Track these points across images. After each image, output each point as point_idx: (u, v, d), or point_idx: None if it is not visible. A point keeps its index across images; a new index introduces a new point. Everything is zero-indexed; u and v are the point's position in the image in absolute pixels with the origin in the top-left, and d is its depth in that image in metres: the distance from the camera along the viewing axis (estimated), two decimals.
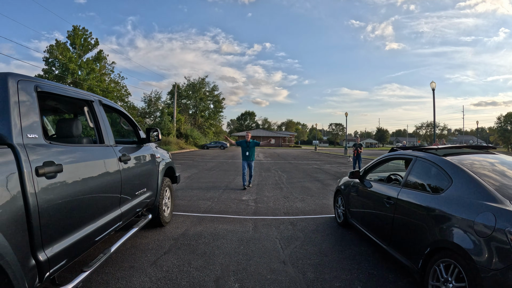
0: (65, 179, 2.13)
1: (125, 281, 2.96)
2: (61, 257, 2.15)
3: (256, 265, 3.36)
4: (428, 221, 2.62)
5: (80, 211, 2.35)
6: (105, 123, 3.01)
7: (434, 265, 2.48)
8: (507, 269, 1.93)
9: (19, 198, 1.75)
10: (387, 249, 3.26)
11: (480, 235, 2.12)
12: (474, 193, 2.38)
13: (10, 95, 1.94)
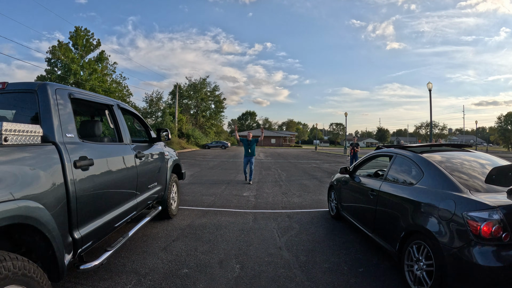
0: (95, 172, 2.55)
1: (140, 263, 3.37)
2: (90, 237, 2.57)
3: (255, 250, 3.77)
4: (404, 209, 3.03)
5: (105, 199, 2.77)
6: (123, 124, 3.43)
7: (408, 247, 2.89)
8: (463, 247, 2.34)
9: (62, 185, 2.17)
10: (372, 236, 3.67)
11: (443, 219, 2.53)
12: (440, 184, 2.79)
13: (51, 102, 2.36)
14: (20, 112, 2.66)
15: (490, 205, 2.29)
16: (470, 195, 2.50)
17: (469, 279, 2.28)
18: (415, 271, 2.75)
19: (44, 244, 2.01)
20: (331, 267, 3.32)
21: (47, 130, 2.24)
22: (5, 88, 2.63)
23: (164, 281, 2.96)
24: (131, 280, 2.98)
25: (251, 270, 3.23)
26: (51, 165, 2.10)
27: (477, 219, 2.27)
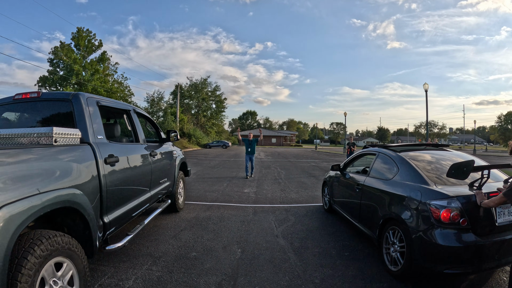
0: (119, 167, 3.04)
1: (153, 248, 3.86)
2: (114, 223, 3.05)
3: (254, 238, 4.26)
4: (382, 200, 3.51)
5: (127, 191, 3.26)
6: (138, 126, 3.92)
7: (386, 233, 3.37)
8: (427, 230, 2.81)
9: (96, 178, 2.65)
10: (358, 225, 4.15)
11: (412, 207, 3.01)
12: (411, 178, 3.27)
13: (84, 109, 2.84)
14: (54, 118, 3.15)
15: (449, 195, 2.77)
16: (434, 187, 2.98)
17: (431, 257, 2.76)
18: (391, 253, 3.24)
19: (82, 225, 2.49)
20: (321, 252, 3.80)
21: (83, 133, 2.73)
22: (40, 96, 3.12)
23: (176, 262, 3.45)
24: (147, 261, 3.46)
25: (251, 253, 3.72)
26: (88, 161, 2.58)
27: (438, 206, 2.75)
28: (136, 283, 2.95)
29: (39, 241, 1.90)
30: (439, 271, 2.71)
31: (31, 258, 1.80)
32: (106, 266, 3.33)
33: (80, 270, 2.30)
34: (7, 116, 3.44)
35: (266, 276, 3.12)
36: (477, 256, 2.68)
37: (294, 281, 3.04)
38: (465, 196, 2.78)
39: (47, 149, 2.20)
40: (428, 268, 2.77)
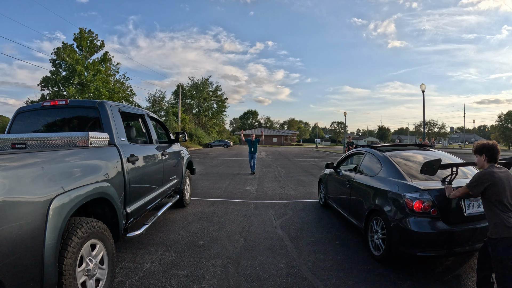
0: (139, 165, 3.52)
1: (165, 238, 4.33)
2: (134, 213, 3.52)
3: (255, 229, 4.73)
4: (368, 194, 3.98)
5: (144, 186, 3.73)
6: (152, 129, 4.39)
7: (370, 222, 3.83)
8: (402, 218, 3.26)
9: (121, 173, 3.12)
10: (348, 217, 4.62)
11: (391, 199, 3.47)
12: (392, 174, 3.74)
13: (109, 115, 3.32)
14: (81, 122, 3.62)
15: (421, 189, 3.23)
16: (410, 182, 3.44)
17: (406, 241, 3.21)
18: (375, 240, 3.70)
19: (110, 214, 2.96)
20: (314, 240, 4.27)
21: (110, 136, 3.19)
22: (68, 104, 3.60)
23: (186, 249, 3.92)
24: (161, 248, 3.93)
25: (252, 241, 4.19)
26: (115, 160, 3.06)
27: (411, 198, 3.21)
28: (152, 266, 3.42)
29: (80, 225, 2.36)
30: (413, 254, 3.16)
31: (75, 239, 2.26)
32: (125, 252, 3.80)
33: (109, 252, 2.77)
34: (36, 121, 3.91)
35: (266, 260, 3.59)
36: (447, 242, 3.11)
37: (289, 264, 3.51)
38: (436, 190, 3.23)
39: (86, 150, 2.68)
40: (404, 251, 3.23)
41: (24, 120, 3.75)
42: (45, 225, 1.93)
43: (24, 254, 1.81)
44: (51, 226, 1.97)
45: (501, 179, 2.47)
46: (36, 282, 1.89)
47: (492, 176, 2.48)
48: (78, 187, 2.34)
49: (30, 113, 3.76)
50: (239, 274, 3.22)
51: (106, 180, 2.78)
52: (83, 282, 2.39)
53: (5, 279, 1.65)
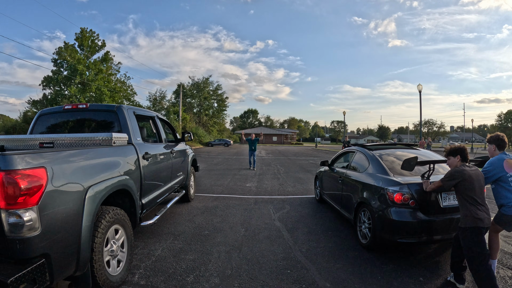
0: (152, 162, 3.94)
1: (173, 228, 4.75)
2: (147, 205, 3.93)
3: (255, 221, 5.16)
4: (357, 188, 4.40)
5: (156, 180, 4.15)
6: (161, 129, 4.81)
7: (359, 214, 4.26)
8: (385, 209, 3.67)
9: (138, 169, 3.54)
10: (340, 210, 5.04)
11: (375, 192, 3.89)
12: (378, 170, 4.16)
13: (126, 117, 3.74)
14: (100, 124, 4.04)
15: (401, 183, 3.65)
16: (392, 177, 3.85)
17: (388, 229, 3.61)
18: (362, 230, 4.13)
19: (129, 204, 3.37)
20: (309, 231, 4.69)
21: (128, 136, 3.61)
22: (88, 107, 4.01)
23: (193, 238, 4.34)
24: (170, 237, 4.35)
25: (252, 232, 4.62)
26: (133, 157, 3.48)
27: (392, 191, 3.63)
28: (163, 252, 3.84)
29: (107, 212, 2.79)
30: (394, 241, 3.58)
31: (103, 222, 2.69)
32: (137, 241, 4.22)
33: (129, 237, 3.20)
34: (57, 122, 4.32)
35: (264, 247, 4.02)
36: (425, 230, 3.52)
37: (286, 250, 3.93)
38: (414, 184, 3.64)
39: (111, 148, 3.10)
40: (386, 238, 3.64)
41: (45, 121, 4.16)
42: (82, 210, 2.37)
43: (67, 232, 2.24)
44: (87, 211, 2.41)
45: (471, 177, 2.86)
46: (74, 257, 2.31)
47: (463, 173, 2.87)
48: (106, 179, 2.77)
49: (51, 115, 4.19)
50: (241, 258, 3.64)
51: (127, 174, 3.21)
52: (107, 261, 2.81)
53: (52, 252, 2.07)
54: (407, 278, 3.20)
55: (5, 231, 1.87)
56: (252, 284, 3.04)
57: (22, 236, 1.89)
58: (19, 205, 1.87)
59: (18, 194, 1.86)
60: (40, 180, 1.99)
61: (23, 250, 1.91)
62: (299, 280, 3.14)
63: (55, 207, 2.12)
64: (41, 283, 1.98)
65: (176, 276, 3.18)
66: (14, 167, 1.87)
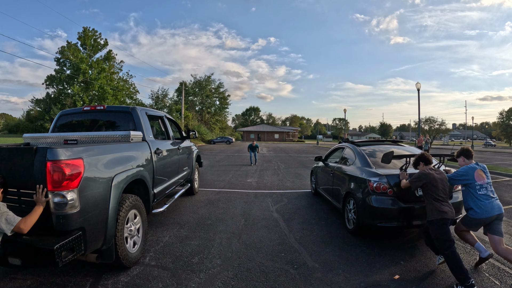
0: (162, 156, 4.40)
1: (178, 219, 5.17)
2: (157, 195, 4.36)
3: (255, 212, 5.57)
4: (344, 180, 4.85)
5: (165, 173, 4.59)
6: (169, 128, 5.29)
7: (346, 203, 4.70)
8: (366, 197, 4.10)
9: (151, 162, 3.98)
10: (331, 201, 5.48)
11: (359, 182, 4.32)
12: (362, 163, 4.60)
13: (140, 118, 4.19)
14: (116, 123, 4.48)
15: (380, 174, 4.10)
16: (374, 169, 4.30)
17: (369, 215, 4.05)
18: (349, 217, 4.58)
19: (144, 192, 3.80)
20: (304, 221, 5.10)
21: (142, 134, 4.06)
22: (105, 109, 4.45)
23: (197, 226, 4.76)
24: (176, 226, 4.77)
25: (252, 222, 5.03)
26: (147, 152, 3.96)
27: (373, 181, 4.07)
28: (170, 239, 4.26)
29: (127, 198, 3.26)
30: (374, 225, 4.01)
31: (125, 205, 3.15)
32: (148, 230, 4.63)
33: (144, 222, 3.66)
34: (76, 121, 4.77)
35: (262, 234, 4.43)
36: (402, 216, 3.93)
37: (281, 237, 4.34)
38: (392, 175, 4.07)
39: (129, 144, 3.60)
40: (368, 223, 4.08)
41: (65, 121, 4.60)
42: (109, 194, 2.84)
43: (98, 212, 2.72)
44: (113, 195, 2.88)
45: (435, 179, 3.27)
46: (102, 232, 2.78)
47: (428, 176, 3.30)
48: (127, 169, 3.27)
49: (70, 115, 4.66)
50: (241, 244, 4.05)
51: (142, 166, 3.69)
52: (126, 238, 3.25)
53: (87, 227, 2.54)
54: (389, 261, 3.59)
55: (51, 208, 2.35)
56: (250, 264, 3.45)
57: (65, 212, 2.38)
58: (63, 188, 2.36)
59: (63, 179, 2.34)
60: (79, 168, 2.48)
61: (65, 223, 2.39)
62: (292, 261, 3.54)
63: (89, 190, 2.60)
64: (78, 252, 2.45)
65: (183, 258, 3.59)
66: (59, 157, 2.35)
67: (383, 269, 3.36)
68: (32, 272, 3.17)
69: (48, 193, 2.33)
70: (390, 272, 3.30)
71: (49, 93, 45.51)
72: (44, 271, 3.19)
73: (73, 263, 3.40)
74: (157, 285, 2.95)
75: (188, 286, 2.94)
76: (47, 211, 2.34)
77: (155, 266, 3.38)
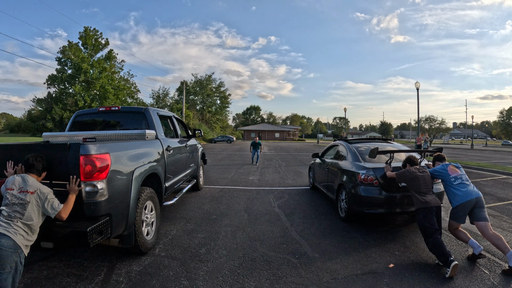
0: (172, 153, 4.74)
1: (184, 214, 5.40)
2: (168, 188, 4.67)
3: (257, 208, 5.81)
4: (337, 173, 5.36)
5: (174, 169, 4.92)
6: (177, 127, 5.67)
7: (339, 194, 5.17)
8: (354, 187, 4.57)
9: (163, 158, 4.29)
10: (327, 193, 6.02)
11: (350, 175, 4.77)
12: (353, 158, 5.09)
13: (152, 117, 4.53)
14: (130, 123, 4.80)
15: (367, 167, 4.62)
16: (362, 163, 4.79)
17: (358, 203, 4.60)
18: (341, 206, 5.08)
19: (157, 185, 4.09)
20: (304, 216, 5.33)
21: (155, 132, 4.37)
22: (119, 109, 4.74)
23: (202, 221, 4.99)
24: (182, 221, 5.00)
25: (254, 216, 5.26)
26: (160, 149, 4.28)
27: (361, 173, 4.56)
28: (178, 232, 4.49)
29: (144, 190, 3.58)
30: (362, 212, 4.58)
31: (143, 196, 3.47)
32: None
33: (157, 212, 4.00)
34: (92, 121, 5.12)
35: (265, 228, 4.66)
36: (386, 204, 4.44)
37: (283, 230, 4.57)
38: (378, 168, 4.60)
39: (145, 141, 3.94)
40: (357, 210, 4.64)
41: (81, 120, 4.99)
42: (131, 185, 3.19)
43: (121, 200, 3.04)
44: (134, 186, 3.23)
45: (417, 177, 3.72)
46: (125, 219, 3.12)
47: (412, 174, 3.77)
48: (145, 164, 3.61)
49: (87, 115, 5.04)
50: (244, 236, 4.29)
51: (156, 161, 4.02)
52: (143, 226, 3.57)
53: (113, 213, 2.89)
54: (385, 252, 3.82)
55: (83, 196, 2.66)
56: (254, 254, 3.68)
57: (95, 200, 2.69)
58: (94, 178, 2.68)
59: (94, 171, 2.67)
60: (107, 161, 2.81)
61: (96, 210, 2.71)
62: (293, 252, 3.77)
63: (115, 181, 2.94)
64: (105, 235, 2.78)
65: (191, 249, 3.82)
66: (90, 152, 2.67)
67: (379, 259, 3.59)
68: (47, 264, 3.40)
69: (81, 183, 2.64)
70: (385, 261, 3.53)
71: (51, 92, 45.74)
72: (59, 263, 3.43)
73: (87, 254, 3.64)
74: (168, 273, 3.18)
75: (197, 274, 3.17)
76: (78, 199, 2.64)
77: (165, 256, 3.61)
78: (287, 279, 3.08)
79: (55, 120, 41.34)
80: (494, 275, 3.19)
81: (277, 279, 3.08)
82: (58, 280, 3.01)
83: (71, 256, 3.56)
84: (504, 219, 5.23)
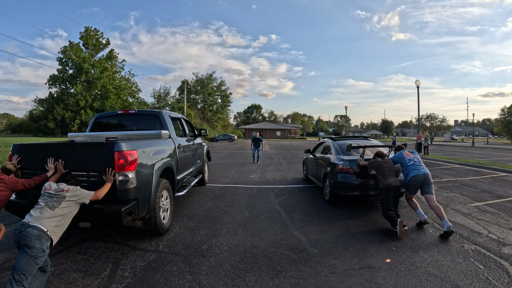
0: (183, 150, 5.12)
1: (187, 212, 5.51)
2: (179, 181, 5.13)
3: (258, 205, 5.92)
4: (323, 165, 6.13)
5: (184, 165, 5.27)
6: (185, 127, 6.08)
7: (324, 181, 5.88)
8: (335, 175, 5.50)
9: (175, 154, 4.68)
10: (317, 182, 6.71)
11: (331, 166, 5.52)
12: (335, 152, 5.90)
13: (166, 119, 4.90)
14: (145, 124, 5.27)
15: (344, 159, 5.61)
16: (341, 156, 5.67)
17: (337, 187, 5.69)
18: (326, 191, 5.96)
19: (171, 178, 4.48)
20: (304, 213, 5.43)
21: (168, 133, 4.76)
22: (136, 112, 5.24)
23: (205, 218, 5.10)
24: (185, 218, 5.11)
25: (255, 213, 5.37)
26: (173, 146, 4.67)
27: (339, 164, 5.74)
28: (181, 229, 4.60)
29: (162, 180, 4.03)
30: (340, 194, 5.66)
31: (161, 185, 3.95)
32: None
33: (171, 200, 4.49)
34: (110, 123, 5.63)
35: (265, 225, 4.77)
36: (360, 187, 5.52)
37: (283, 227, 4.68)
38: (352, 160, 5.70)
39: (161, 140, 4.40)
40: (337, 193, 5.73)
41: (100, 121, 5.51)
42: (152, 176, 3.81)
43: (145, 188, 3.64)
44: (154, 177, 3.84)
45: (382, 166, 4.80)
46: (147, 204, 3.69)
47: (378, 162, 4.87)
48: (162, 159, 4.12)
49: (105, 117, 5.54)
50: (246, 232, 4.40)
51: (170, 157, 4.52)
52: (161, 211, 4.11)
53: (139, 198, 3.48)
54: (382, 248, 3.92)
55: (117, 184, 3.26)
56: (255, 250, 3.79)
57: (126, 187, 3.32)
58: (126, 170, 3.30)
59: (126, 164, 3.28)
60: (135, 156, 3.42)
61: (127, 194, 3.32)
62: (293, 247, 3.88)
63: (141, 173, 3.54)
64: (134, 216, 3.40)
65: (193, 245, 3.93)
66: (123, 149, 3.28)
67: (376, 254, 3.69)
68: (55, 261, 3.53)
69: (116, 173, 3.24)
70: (382, 256, 3.63)
71: (52, 92, 45.90)
72: (66, 260, 3.55)
73: (93, 251, 3.76)
74: (171, 268, 3.29)
75: (199, 269, 3.28)
76: (112, 187, 3.21)
77: (168, 252, 3.73)
78: (287, 273, 3.19)
79: (57, 120, 41.51)
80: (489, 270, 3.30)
81: (277, 273, 3.19)
82: (65, 276, 3.12)
83: (77, 253, 3.68)
84: (501, 216, 5.31)
